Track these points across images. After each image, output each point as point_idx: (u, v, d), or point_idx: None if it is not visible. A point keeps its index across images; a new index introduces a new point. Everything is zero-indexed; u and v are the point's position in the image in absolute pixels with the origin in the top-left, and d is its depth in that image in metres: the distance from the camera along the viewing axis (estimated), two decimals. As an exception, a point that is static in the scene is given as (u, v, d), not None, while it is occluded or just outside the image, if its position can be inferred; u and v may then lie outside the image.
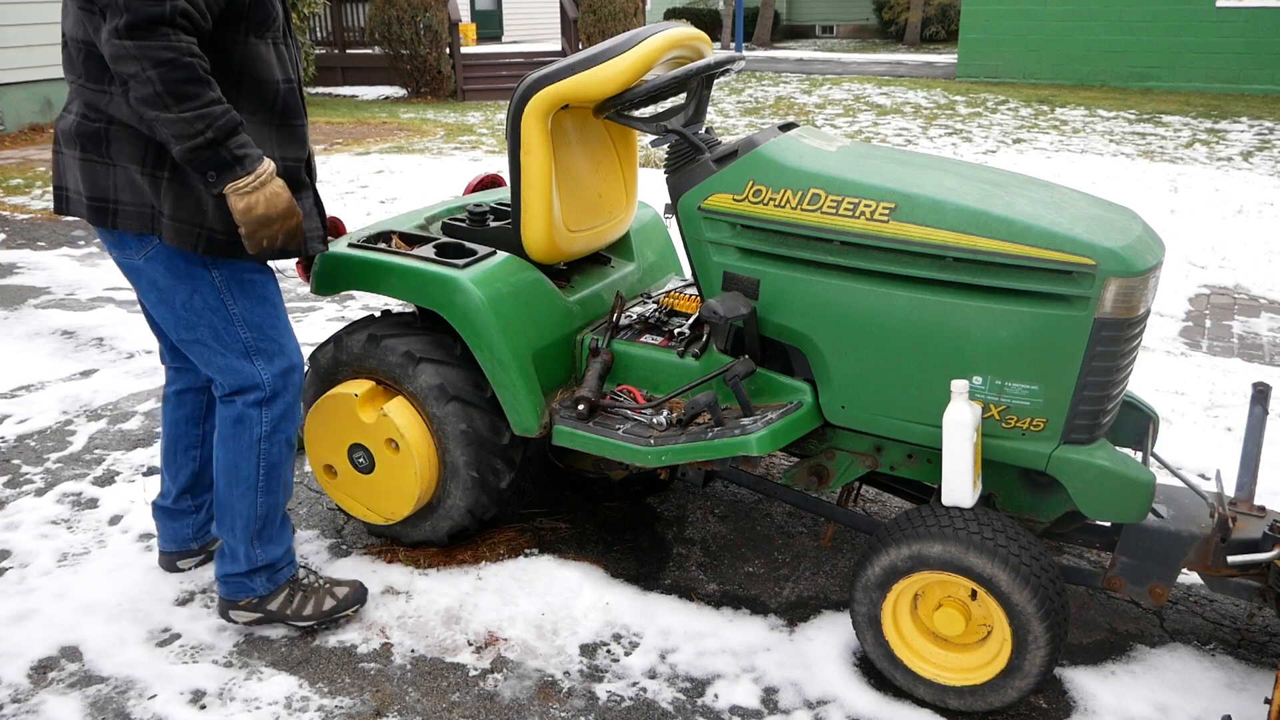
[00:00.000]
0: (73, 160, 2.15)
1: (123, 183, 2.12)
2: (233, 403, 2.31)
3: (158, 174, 2.10)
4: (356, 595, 2.54)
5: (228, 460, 2.33)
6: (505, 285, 2.53)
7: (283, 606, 2.46)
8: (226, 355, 2.26)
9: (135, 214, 2.13)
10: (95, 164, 2.12)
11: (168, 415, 2.60)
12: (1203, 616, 2.55)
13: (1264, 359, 4.31)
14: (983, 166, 2.48)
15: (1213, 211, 6.90)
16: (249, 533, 2.38)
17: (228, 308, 2.23)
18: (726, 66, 2.47)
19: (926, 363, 2.20)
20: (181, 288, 2.20)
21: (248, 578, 2.41)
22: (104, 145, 2.10)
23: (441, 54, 14.26)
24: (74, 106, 2.14)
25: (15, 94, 10.38)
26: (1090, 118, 11.61)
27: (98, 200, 2.14)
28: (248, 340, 2.26)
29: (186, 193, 2.10)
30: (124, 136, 2.08)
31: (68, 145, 2.16)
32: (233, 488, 2.35)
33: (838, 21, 28.79)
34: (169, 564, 2.71)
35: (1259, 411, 2.34)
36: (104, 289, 5.43)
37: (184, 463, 2.60)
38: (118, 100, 2.06)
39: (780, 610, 2.58)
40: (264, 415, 2.31)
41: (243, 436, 2.31)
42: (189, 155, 1.98)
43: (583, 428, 2.49)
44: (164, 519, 2.66)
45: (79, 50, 2.08)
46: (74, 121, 2.13)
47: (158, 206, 2.11)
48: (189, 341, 2.27)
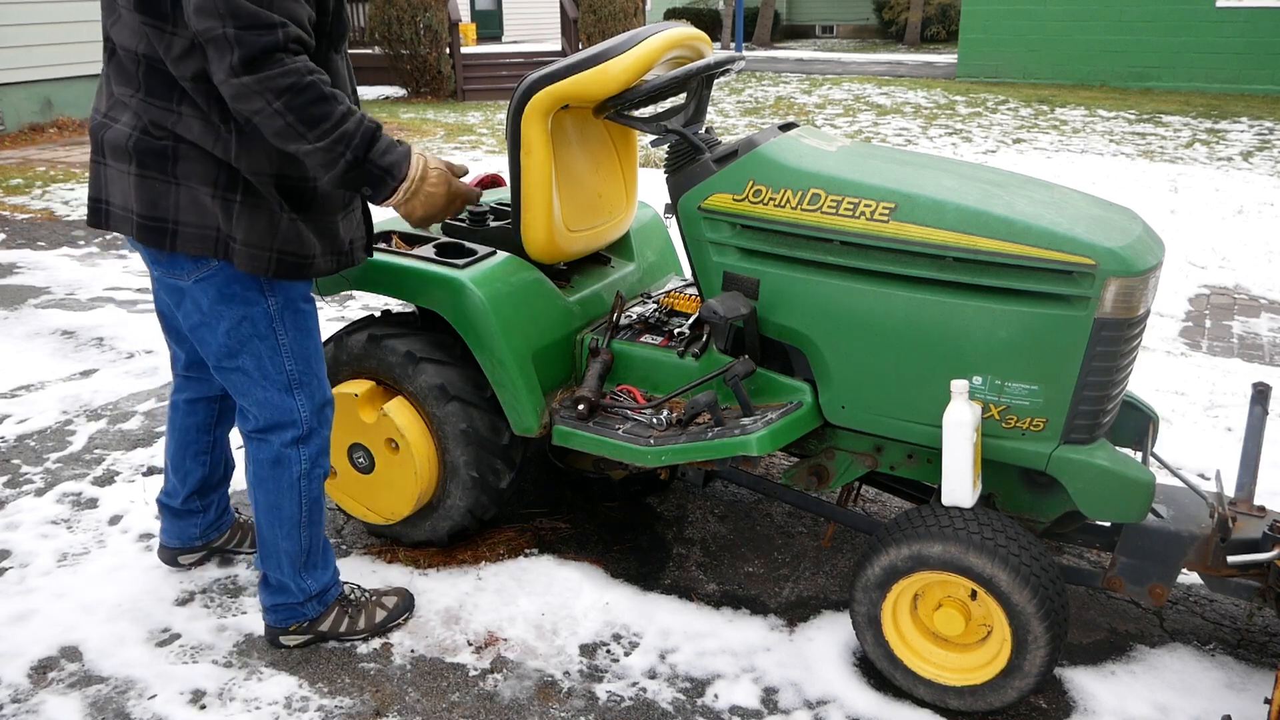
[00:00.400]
0: (123, 175, 2.04)
1: (186, 203, 2.02)
2: (266, 441, 2.23)
3: (230, 197, 2.02)
4: (405, 603, 2.53)
5: (268, 501, 2.27)
6: (505, 285, 2.53)
7: (334, 626, 2.43)
8: (268, 388, 2.18)
9: (198, 237, 2.03)
10: (155, 182, 2.02)
11: (177, 421, 2.54)
12: (1203, 616, 2.55)
13: (1264, 359, 4.31)
14: (983, 166, 2.48)
15: (1213, 211, 6.90)
16: (296, 566, 2.33)
17: (278, 337, 2.16)
18: (726, 66, 2.47)
19: (926, 363, 2.20)
20: (230, 312, 2.11)
21: (300, 606, 2.38)
22: (170, 164, 2.00)
23: (441, 54, 14.26)
24: (125, 119, 2.02)
25: (15, 94, 10.38)
26: (1090, 118, 11.61)
27: (154, 220, 2.03)
28: (292, 373, 2.19)
29: (259, 216, 2.04)
30: (194, 156, 2.00)
31: (117, 159, 2.04)
32: (276, 528, 2.29)
33: (838, 21, 28.79)
34: (170, 558, 2.69)
35: (1259, 411, 2.34)
36: (104, 289, 5.43)
37: (193, 467, 2.56)
38: (188, 120, 1.97)
39: (780, 610, 2.58)
40: (302, 454, 2.25)
41: (282, 478, 2.25)
42: (339, 181, 1.95)
43: (583, 428, 2.49)
44: (170, 517, 2.64)
45: (137, 64, 1.98)
46: (129, 135, 2.01)
47: (227, 230, 2.03)
48: (228, 369, 2.18)
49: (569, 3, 14.75)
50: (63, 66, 10.63)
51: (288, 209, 2.07)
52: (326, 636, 2.43)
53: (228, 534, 2.73)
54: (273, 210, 2.05)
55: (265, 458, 2.24)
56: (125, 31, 1.98)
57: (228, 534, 2.73)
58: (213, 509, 2.65)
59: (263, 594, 2.38)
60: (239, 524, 2.77)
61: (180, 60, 1.92)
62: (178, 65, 1.93)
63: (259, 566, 2.36)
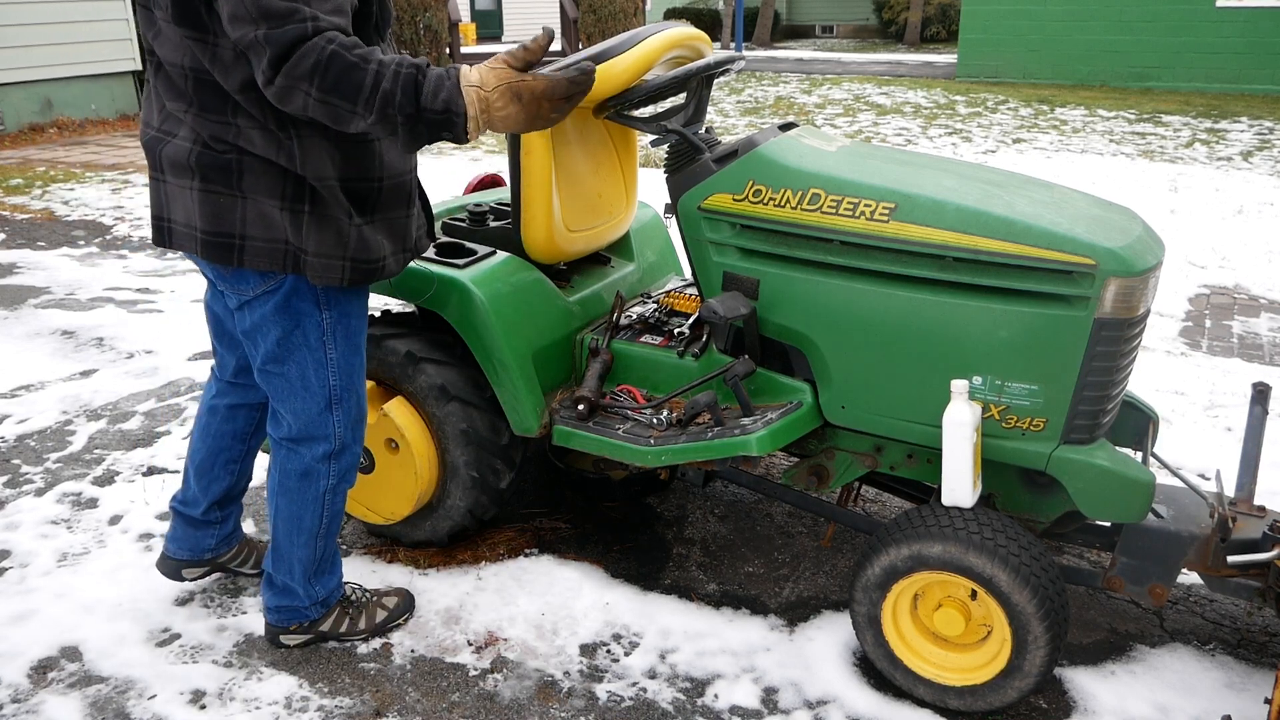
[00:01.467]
0: (185, 190, 1.99)
1: (254, 217, 1.97)
2: (297, 452, 2.21)
3: (298, 208, 1.97)
4: (406, 604, 2.53)
5: (290, 511, 2.25)
6: (505, 285, 2.53)
7: (334, 626, 2.43)
8: (308, 399, 2.15)
9: (267, 250, 1.98)
10: (220, 196, 1.96)
11: (213, 427, 2.45)
12: (1203, 616, 2.55)
13: (1264, 359, 4.31)
14: (983, 166, 2.48)
15: (1213, 211, 6.90)
16: (308, 574, 2.33)
17: (326, 350, 2.14)
18: (726, 66, 2.47)
19: (926, 363, 2.20)
20: (284, 322, 2.08)
21: (305, 609, 2.37)
22: (235, 178, 1.95)
23: (441, 54, 14.25)
24: (183, 133, 1.97)
25: (15, 94, 10.38)
26: (1090, 118, 11.61)
27: (220, 236, 1.98)
28: (334, 388, 2.16)
29: (327, 225, 1.99)
30: (258, 169, 1.94)
31: (178, 174, 1.99)
32: (293, 537, 2.27)
33: (838, 21, 28.79)
34: (173, 570, 2.57)
35: (1259, 411, 2.34)
36: (104, 289, 5.43)
37: (221, 475, 2.48)
38: (247, 132, 1.92)
39: (780, 610, 2.58)
40: (332, 469, 2.23)
41: (309, 490, 2.23)
42: (411, 142, 1.80)
43: (583, 428, 2.49)
44: (185, 526, 2.53)
45: (185, 78, 1.93)
46: (190, 150, 1.95)
47: (296, 242, 1.98)
48: (273, 374, 2.15)
49: (569, 3, 14.75)
50: (63, 66, 10.62)
51: (355, 215, 2.02)
52: (327, 636, 2.43)
53: (234, 550, 2.64)
54: (340, 219, 2.00)
55: (294, 469, 2.22)
56: (168, 45, 1.92)
57: (234, 550, 2.64)
58: (230, 520, 2.57)
59: (266, 594, 2.38)
60: (246, 542, 2.69)
61: (228, 71, 1.87)
62: (226, 76, 1.87)
63: (267, 567, 2.35)
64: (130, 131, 10.84)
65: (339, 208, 2.00)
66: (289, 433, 2.21)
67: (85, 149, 9.79)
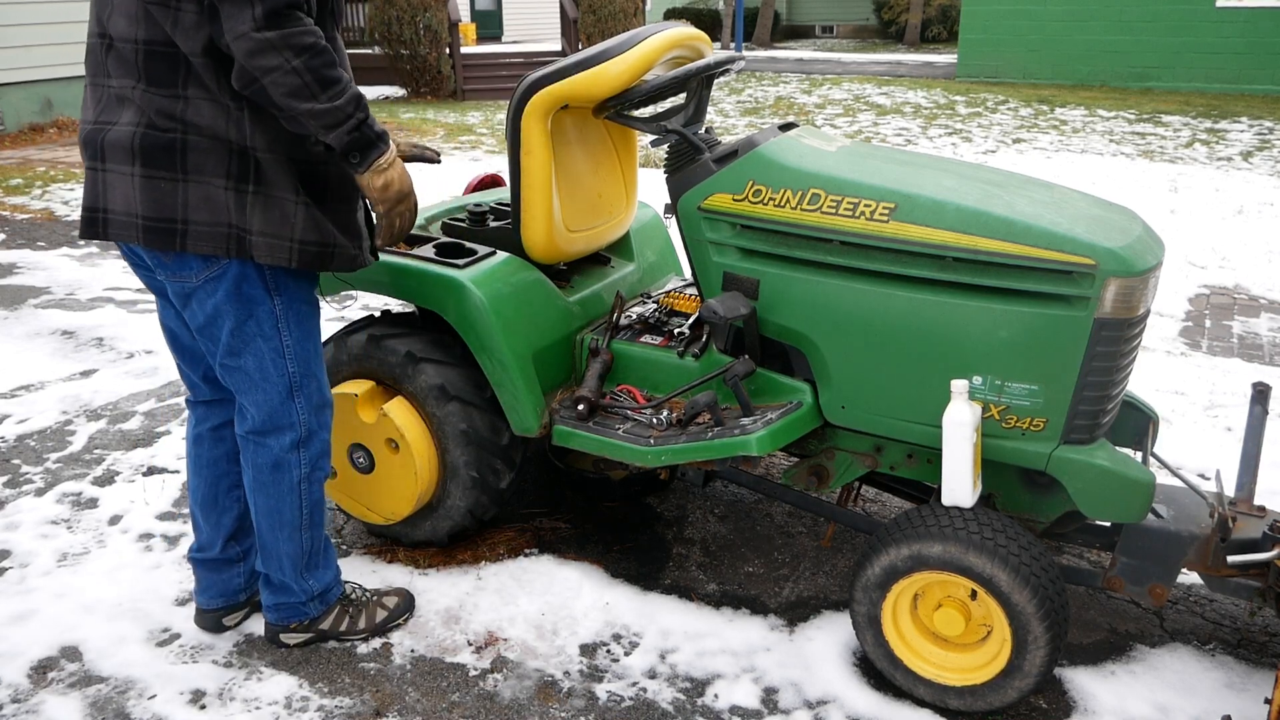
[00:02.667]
0: (124, 178, 1.96)
1: (197, 200, 1.95)
2: (265, 445, 2.20)
3: (243, 188, 1.96)
4: (406, 604, 2.53)
5: (268, 505, 2.25)
6: (505, 285, 2.53)
7: (335, 625, 2.42)
8: (268, 390, 2.15)
9: (209, 234, 1.97)
10: (161, 181, 1.95)
11: (204, 456, 2.37)
12: (1203, 616, 2.55)
13: (1264, 359, 4.31)
14: (983, 166, 2.48)
15: (1213, 211, 6.90)
16: (298, 568, 2.32)
17: (281, 338, 2.13)
18: (726, 66, 2.47)
19: (926, 363, 2.20)
20: (236, 311, 2.07)
21: (302, 605, 2.36)
22: (178, 158, 1.94)
23: (441, 54, 14.26)
24: (126, 117, 1.95)
25: (15, 94, 10.38)
26: (1090, 118, 11.62)
27: (161, 221, 1.96)
28: (292, 375, 2.16)
29: (273, 205, 1.99)
30: (203, 147, 1.94)
31: (118, 160, 1.96)
32: (277, 531, 2.26)
33: (838, 21, 28.79)
34: (213, 624, 2.45)
35: (1259, 411, 2.34)
36: (104, 289, 5.43)
37: (228, 504, 2.39)
38: (195, 103, 1.91)
39: (780, 610, 2.58)
40: (302, 458, 2.22)
41: (282, 481, 2.22)
42: (341, 141, 1.92)
43: (583, 428, 2.49)
44: (208, 572, 2.42)
45: (135, 51, 1.92)
46: (133, 133, 1.94)
47: (240, 224, 1.98)
48: (231, 368, 2.15)
49: (569, 3, 14.75)
50: (63, 66, 10.62)
51: (301, 192, 2.02)
52: (327, 635, 2.43)
53: None
54: (286, 198, 2.00)
55: (264, 462, 2.22)
56: (122, 20, 1.93)
57: None
58: (253, 554, 2.43)
59: (264, 593, 2.37)
60: None
61: (191, 33, 1.87)
62: (188, 38, 1.88)
63: (260, 567, 2.34)
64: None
65: (286, 186, 2.00)
66: (254, 425, 2.20)
67: (85, 149, 9.78)
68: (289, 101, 1.86)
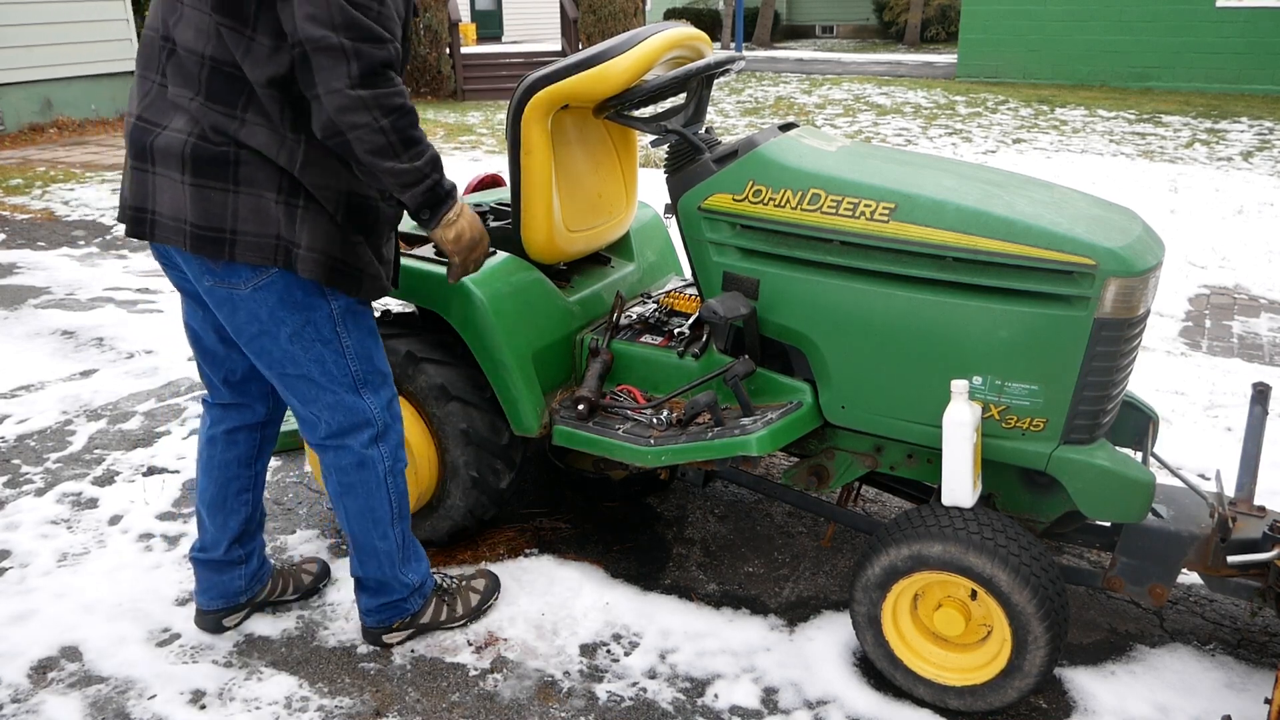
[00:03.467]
0: (175, 184, 1.96)
1: (247, 212, 1.96)
2: (345, 447, 2.19)
3: (293, 202, 1.97)
4: (494, 584, 2.55)
5: (359, 506, 2.24)
6: (505, 285, 2.53)
7: (434, 616, 2.43)
8: (336, 391, 2.14)
9: (257, 244, 1.97)
10: (212, 190, 1.94)
11: (215, 458, 2.36)
12: (1203, 616, 2.55)
13: (1264, 359, 4.31)
14: (983, 166, 2.48)
15: (1213, 211, 6.90)
16: (395, 563, 2.31)
17: (341, 340, 2.12)
18: (726, 66, 2.47)
19: (926, 363, 2.20)
20: (292, 318, 2.06)
21: (404, 602, 2.36)
22: (231, 170, 1.93)
23: (441, 54, 14.26)
24: (179, 124, 1.95)
25: (15, 94, 10.38)
26: (1090, 118, 11.62)
27: (211, 230, 1.95)
28: (357, 373, 2.15)
29: (321, 223, 2.00)
30: (256, 163, 1.94)
31: (168, 166, 1.95)
32: (371, 530, 2.26)
33: (838, 21, 28.79)
34: (213, 624, 2.45)
35: (1259, 411, 2.34)
36: (104, 289, 5.43)
37: (236, 508, 2.38)
38: (251, 127, 1.92)
39: (780, 610, 2.58)
40: (382, 451, 2.22)
41: (369, 479, 2.22)
42: (415, 199, 1.99)
43: (583, 428, 2.49)
44: (210, 573, 2.42)
45: (201, 66, 1.92)
46: (184, 142, 1.93)
47: (288, 237, 1.98)
48: (293, 377, 2.13)
49: (569, 3, 14.75)
50: (63, 66, 10.63)
51: (345, 222, 2.03)
52: (428, 628, 2.43)
53: (269, 584, 2.53)
54: (332, 221, 2.01)
55: (348, 463, 2.20)
56: (190, 31, 1.92)
57: (269, 584, 2.53)
58: (255, 557, 2.46)
59: (362, 599, 2.36)
60: (280, 572, 2.58)
61: (261, 63, 1.88)
62: (257, 68, 1.88)
63: (356, 573, 2.34)
64: (130, 131, 10.83)
65: (332, 208, 2.01)
66: (329, 429, 2.18)
67: (85, 149, 9.79)
68: (371, 158, 1.90)
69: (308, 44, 1.80)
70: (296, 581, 2.59)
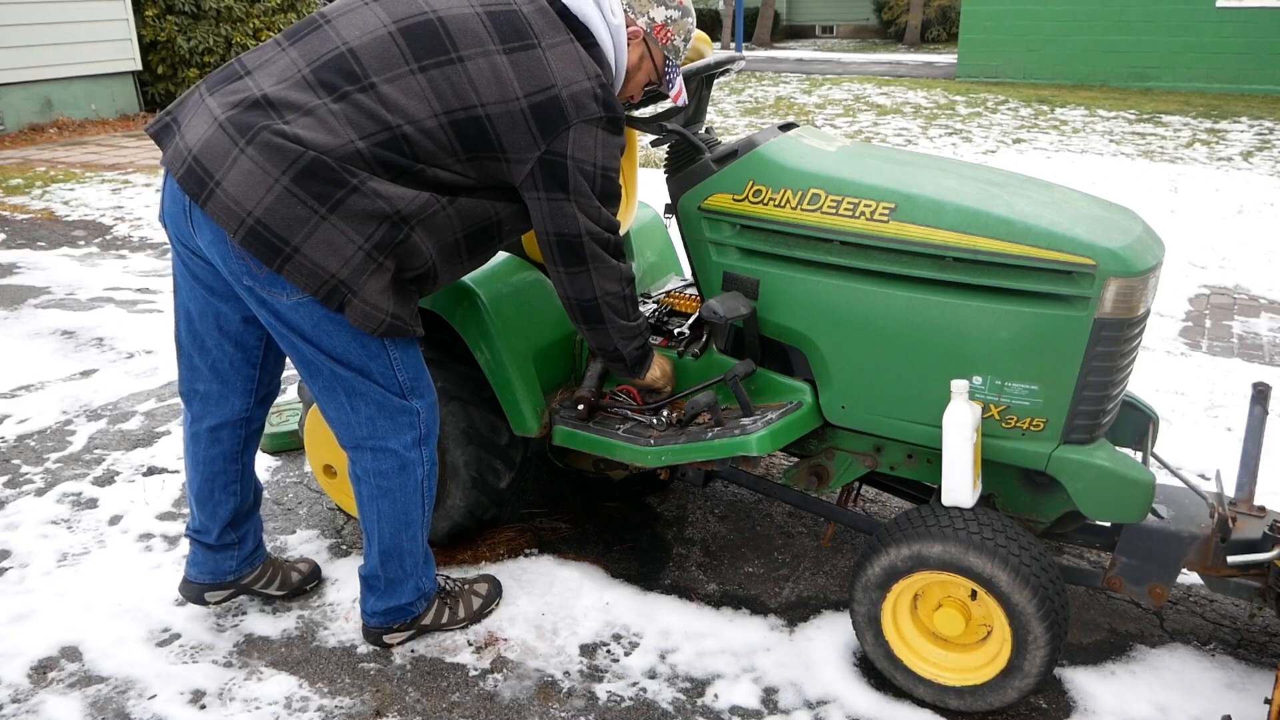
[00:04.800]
0: (263, 175, 1.87)
1: (322, 239, 1.90)
2: (387, 449, 2.17)
3: (375, 256, 1.94)
4: (495, 588, 2.56)
5: (394, 510, 2.23)
6: (505, 285, 2.53)
7: (436, 618, 2.43)
8: (386, 394, 2.13)
9: (311, 273, 1.92)
10: (301, 205, 1.88)
11: (200, 453, 2.35)
12: (1203, 616, 2.55)
13: (1264, 359, 4.31)
14: (983, 166, 2.48)
15: (1213, 211, 6.90)
16: (418, 565, 2.32)
17: (389, 352, 2.11)
18: (726, 66, 2.47)
19: (926, 363, 2.20)
20: (340, 333, 2.04)
21: (411, 605, 2.36)
22: (338, 194, 1.89)
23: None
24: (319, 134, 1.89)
25: (15, 94, 10.38)
26: (1090, 118, 11.61)
27: (273, 235, 1.89)
28: (404, 381, 2.15)
29: (389, 285, 1.98)
30: (363, 209, 1.91)
31: (268, 158, 1.87)
32: (402, 532, 2.26)
33: (838, 22, 28.78)
34: (195, 594, 2.48)
35: (1259, 411, 2.34)
36: (104, 289, 5.43)
37: (224, 499, 2.39)
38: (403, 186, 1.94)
39: (780, 610, 2.58)
40: (424, 454, 2.22)
41: (409, 482, 2.21)
42: (632, 353, 2.30)
43: (583, 428, 2.49)
44: (204, 551, 2.44)
45: (432, 131, 1.95)
46: (303, 152, 1.87)
47: (349, 282, 1.94)
48: (333, 382, 2.11)
49: (569, 3, 14.71)
50: (63, 66, 10.63)
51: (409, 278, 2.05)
52: (429, 630, 2.43)
53: (259, 570, 2.53)
54: (400, 279, 2.02)
55: (389, 467, 2.19)
56: (455, 100, 1.97)
57: (259, 570, 2.53)
58: (249, 539, 2.47)
59: (368, 601, 2.36)
60: (271, 561, 2.58)
61: (488, 174, 2.04)
62: (483, 174, 2.05)
63: (367, 574, 2.33)
64: (130, 131, 10.84)
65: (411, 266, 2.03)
66: (372, 431, 2.16)
67: (85, 149, 9.79)
68: (608, 309, 2.20)
69: (589, 237, 2.11)
70: (285, 577, 2.60)
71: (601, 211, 2.11)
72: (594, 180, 2.07)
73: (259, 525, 2.51)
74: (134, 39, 11.12)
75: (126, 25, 11.06)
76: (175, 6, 11.45)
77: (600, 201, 2.10)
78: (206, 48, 11.49)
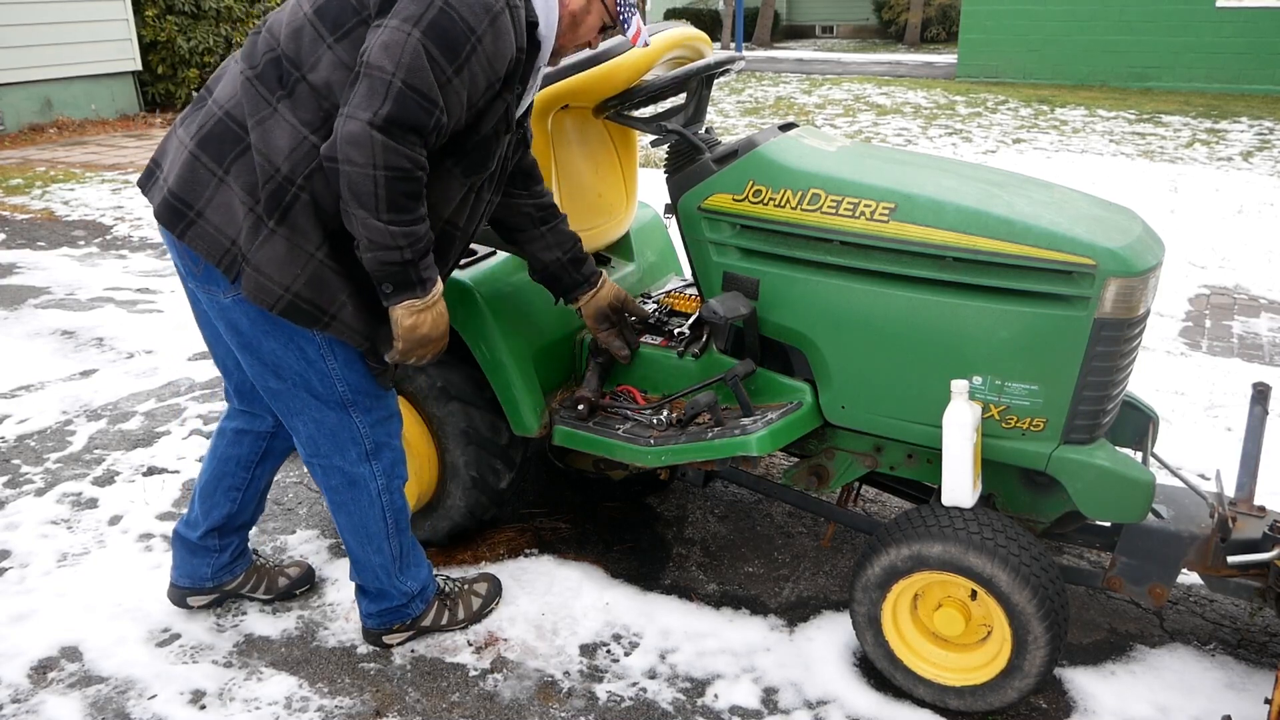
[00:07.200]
0: (181, 146, 1.97)
1: (220, 202, 1.92)
2: (332, 466, 2.17)
3: (264, 220, 1.90)
4: (495, 588, 2.55)
5: (352, 523, 2.23)
6: (505, 285, 2.53)
7: (435, 619, 2.43)
8: (322, 409, 2.10)
9: (211, 239, 1.92)
10: (203, 168, 1.92)
11: (219, 449, 2.41)
12: (1203, 616, 2.55)
13: (1264, 359, 4.31)
14: (982, 166, 2.48)
15: (1213, 211, 6.90)
16: (391, 573, 2.31)
17: (326, 362, 2.06)
18: (726, 66, 2.47)
19: (926, 363, 2.20)
20: (277, 334, 2.01)
21: (404, 608, 2.36)
22: (228, 154, 1.91)
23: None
24: (223, 98, 1.95)
25: (15, 94, 10.38)
26: (1090, 118, 11.61)
27: (181, 201, 1.94)
28: (343, 394, 2.10)
29: (281, 248, 1.90)
30: (252, 164, 1.90)
31: (186, 128, 1.98)
32: (365, 545, 2.26)
33: (838, 21, 28.77)
34: (179, 598, 2.52)
35: (1259, 411, 2.34)
36: (104, 289, 5.43)
37: (222, 500, 2.41)
38: (272, 124, 1.89)
39: (780, 610, 2.58)
40: (375, 469, 2.19)
41: (361, 496, 2.20)
42: (377, 266, 1.88)
43: (583, 428, 2.49)
44: (184, 551, 2.47)
45: (270, 50, 1.93)
46: (211, 113, 1.95)
47: (245, 247, 1.91)
48: (276, 391, 2.11)
49: (569, 3, 14.71)
50: (63, 66, 10.63)
51: (325, 251, 1.94)
52: (428, 630, 2.43)
53: (241, 578, 2.55)
54: (305, 247, 1.92)
55: (337, 482, 2.20)
56: (284, 17, 1.96)
57: (241, 578, 2.55)
58: (228, 551, 2.48)
59: (363, 603, 2.37)
60: (256, 568, 2.58)
61: (322, 69, 1.89)
62: (317, 70, 1.89)
63: (353, 579, 2.36)
64: (130, 131, 10.84)
65: (311, 237, 1.92)
66: (315, 448, 2.17)
67: (85, 149, 9.79)
68: (349, 197, 1.83)
69: (366, 66, 1.81)
70: (271, 582, 2.59)
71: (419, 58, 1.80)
72: (429, 4, 1.82)
73: (243, 542, 2.53)
74: (134, 39, 11.12)
75: (126, 25, 11.06)
76: (175, 6, 11.46)
77: (423, 34, 1.80)
78: (206, 48, 11.50)
